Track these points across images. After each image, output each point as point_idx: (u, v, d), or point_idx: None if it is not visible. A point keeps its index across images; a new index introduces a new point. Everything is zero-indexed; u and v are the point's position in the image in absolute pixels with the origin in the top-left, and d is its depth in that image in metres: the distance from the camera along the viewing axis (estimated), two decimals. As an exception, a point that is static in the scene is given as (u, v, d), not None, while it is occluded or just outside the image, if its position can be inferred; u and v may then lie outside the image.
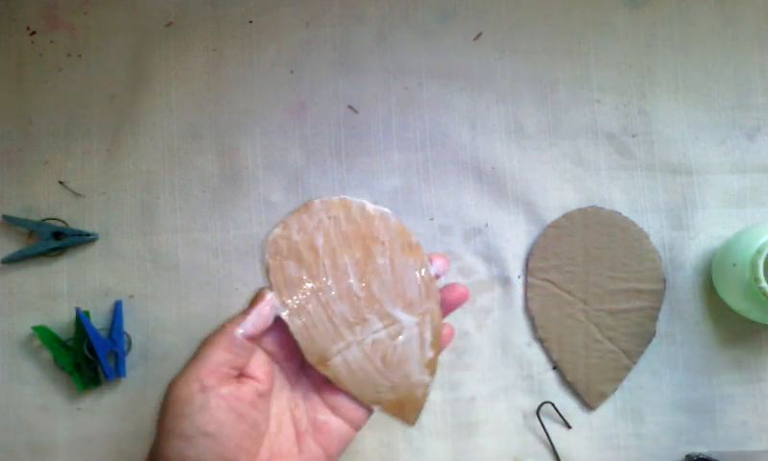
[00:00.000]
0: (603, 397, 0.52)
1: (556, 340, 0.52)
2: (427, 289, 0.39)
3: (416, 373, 0.39)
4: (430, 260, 0.40)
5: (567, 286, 0.53)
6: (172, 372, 0.52)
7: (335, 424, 0.38)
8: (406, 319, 0.39)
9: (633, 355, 0.52)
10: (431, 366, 0.39)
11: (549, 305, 0.53)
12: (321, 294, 0.38)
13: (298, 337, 0.37)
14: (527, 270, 0.53)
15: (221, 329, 0.36)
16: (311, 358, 0.38)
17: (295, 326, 0.37)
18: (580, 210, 0.53)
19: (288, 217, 0.39)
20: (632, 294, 0.52)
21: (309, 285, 0.38)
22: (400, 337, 0.39)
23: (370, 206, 0.39)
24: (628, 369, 0.52)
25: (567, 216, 0.53)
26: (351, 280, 0.38)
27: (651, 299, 0.52)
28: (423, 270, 0.39)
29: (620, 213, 0.53)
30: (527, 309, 0.53)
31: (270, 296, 0.37)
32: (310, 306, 0.38)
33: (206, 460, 0.33)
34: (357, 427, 0.39)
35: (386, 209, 0.39)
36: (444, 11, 0.56)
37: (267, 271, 0.38)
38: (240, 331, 0.35)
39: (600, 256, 0.53)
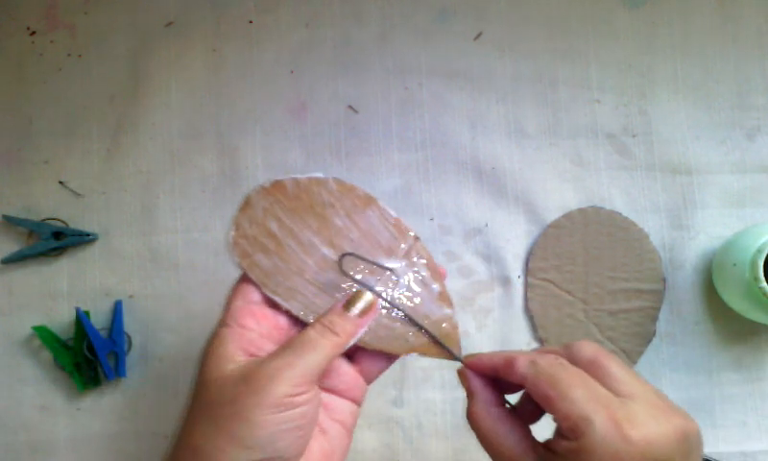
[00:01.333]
0: (603, 397, 0.52)
1: (556, 340, 0.52)
2: (398, 229, 0.39)
3: (434, 310, 0.38)
4: None
5: (567, 286, 0.53)
6: (172, 372, 0.52)
7: (339, 402, 0.38)
8: (393, 264, 0.38)
9: (633, 355, 0.52)
10: (444, 299, 0.39)
11: (549, 305, 0.52)
12: (303, 273, 0.38)
13: (305, 319, 0.37)
14: (527, 270, 0.53)
15: (330, 338, 0.35)
16: None
17: (296, 309, 0.37)
18: (580, 210, 0.53)
19: (235, 218, 0.39)
20: (632, 294, 0.52)
21: (289, 268, 0.38)
22: (399, 282, 0.38)
23: (301, 177, 0.39)
24: (628, 369, 0.52)
25: (567, 216, 0.53)
26: (323, 250, 0.38)
27: (651, 299, 0.52)
28: (385, 214, 0.39)
29: (620, 213, 0.53)
30: (527, 309, 0.53)
31: (378, 303, 0.37)
32: (299, 288, 0.37)
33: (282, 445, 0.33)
34: (359, 403, 0.39)
35: (318, 173, 0.39)
36: (444, 11, 0.56)
37: (245, 272, 0.38)
38: (352, 343, 0.36)
39: (600, 256, 0.53)
